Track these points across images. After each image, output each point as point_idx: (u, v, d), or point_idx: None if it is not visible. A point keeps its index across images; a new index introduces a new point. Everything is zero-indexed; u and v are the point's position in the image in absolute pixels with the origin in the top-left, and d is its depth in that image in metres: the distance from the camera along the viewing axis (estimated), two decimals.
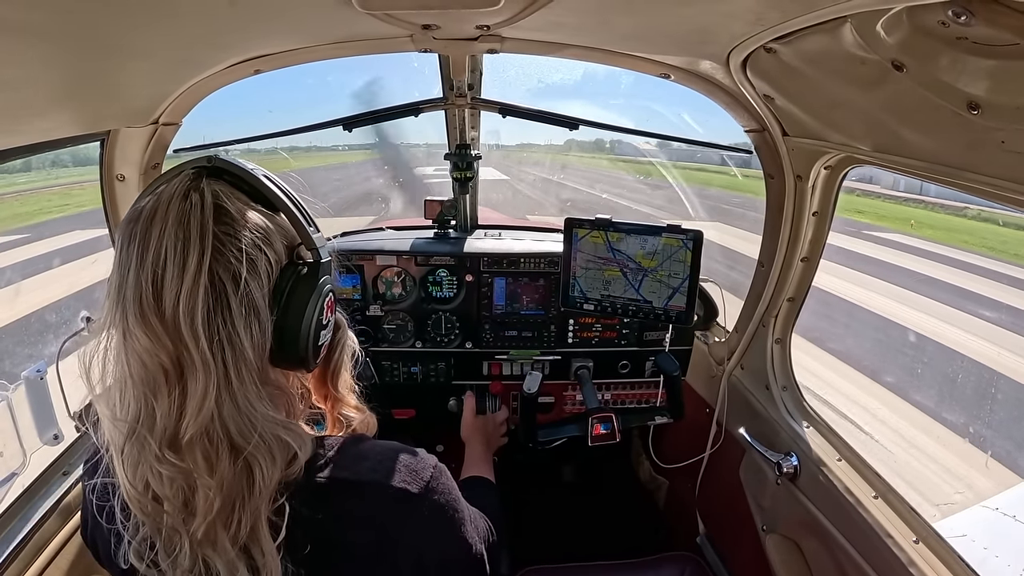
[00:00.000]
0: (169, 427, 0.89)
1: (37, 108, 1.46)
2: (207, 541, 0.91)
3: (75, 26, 1.16)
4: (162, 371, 0.89)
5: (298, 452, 0.95)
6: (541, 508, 3.43)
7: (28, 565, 1.55)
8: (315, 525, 0.97)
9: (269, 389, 0.99)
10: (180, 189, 0.93)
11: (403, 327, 2.82)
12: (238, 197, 0.98)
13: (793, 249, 2.06)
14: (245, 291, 0.92)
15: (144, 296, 0.88)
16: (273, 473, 0.92)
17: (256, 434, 0.91)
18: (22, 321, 9.00)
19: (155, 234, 0.90)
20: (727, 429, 2.44)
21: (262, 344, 0.95)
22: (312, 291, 1.01)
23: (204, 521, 0.89)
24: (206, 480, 0.89)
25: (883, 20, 1.05)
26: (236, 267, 0.91)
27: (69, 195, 19.20)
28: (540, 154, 32.73)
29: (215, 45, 1.67)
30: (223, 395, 0.90)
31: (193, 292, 0.87)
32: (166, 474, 0.90)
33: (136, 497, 0.92)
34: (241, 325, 0.91)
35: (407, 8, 1.39)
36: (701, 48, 1.61)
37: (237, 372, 0.91)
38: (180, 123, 2.10)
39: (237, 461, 0.91)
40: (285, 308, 0.98)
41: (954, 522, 2.62)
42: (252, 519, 0.91)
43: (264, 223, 0.99)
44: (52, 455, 1.82)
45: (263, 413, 0.93)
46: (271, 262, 0.98)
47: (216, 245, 0.90)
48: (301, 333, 0.99)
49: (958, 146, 1.19)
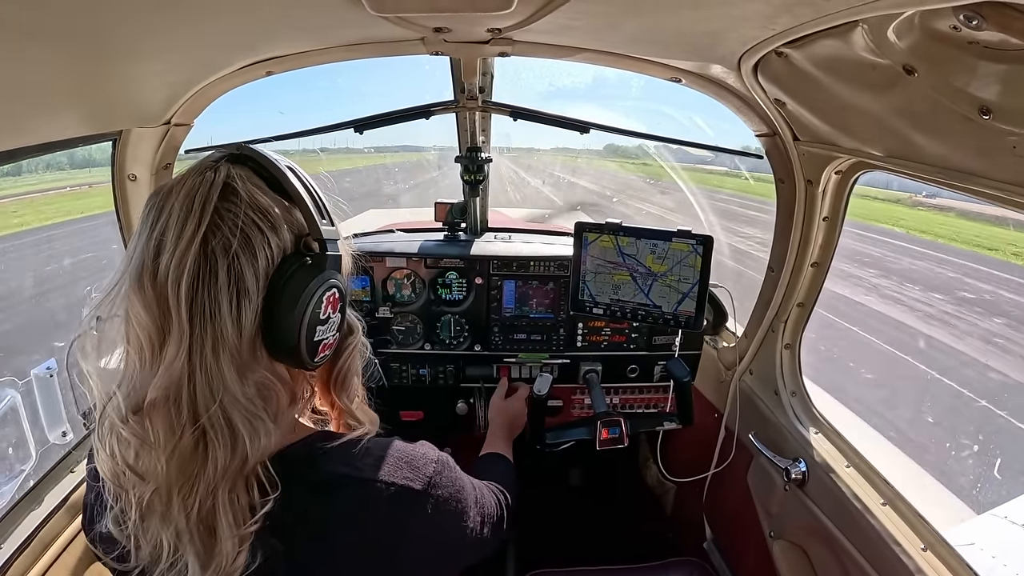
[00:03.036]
0: (140, 391, 0.90)
1: (49, 108, 1.47)
2: (154, 511, 0.91)
3: (88, 27, 1.17)
4: (148, 337, 0.90)
5: (248, 446, 0.92)
6: (548, 511, 3.43)
7: (35, 561, 1.56)
8: (314, 521, 0.97)
9: (258, 377, 0.98)
10: (201, 168, 0.96)
11: (412, 329, 2.82)
12: (253, 182, 0.99)
13: (803, 254, 2.05)
14: (235, 269, 0.92)
15: (145, 262, 0.90)
16: (230, 460, 0.91)
17: (220, 414, 0.90)
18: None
19: (167, 206, 0.92)
20: (736, 434, 2.43)
21: (248, 326, 0.94)
22: (310, 281, 0.99)
23: (151, 490, 0.90)
24: (159, 447, 0.89)
25: (894, 24, 1.05)
26: (230, 244, 0.91)
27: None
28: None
29: (227, 47, 1.69)
30: (195, 366, 0.89)
31: (183, 260, 0.88)
32: (129, 439, 0.91)
33: (107, 463, 0.94)
34: (225, 301, 0.90)
35: (419, 11, 1.39)
36: (712, 52, 1.60)
37: (213, 347, 0.90)
38: (192, 124, 2.12)
39: (195, 436, 0.90)
40: (278, 294, 0.96)
41: (962, 530, 2.60)
42: (206, 499, 0.91)
43: (273, 209, 0.99)
44: (60, 452, 1.83)
45: (233, 396, 0.92)
46: (273, 248, 0.97)
47: (215, 219, 0.91)
48: (292, 322, 0.96)
49: (969, 151, 1.18)
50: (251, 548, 0.92)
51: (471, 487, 1.25)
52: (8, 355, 8.40)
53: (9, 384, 1.80)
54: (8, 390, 1.79)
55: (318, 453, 1.03)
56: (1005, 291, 15.08)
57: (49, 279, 12.90)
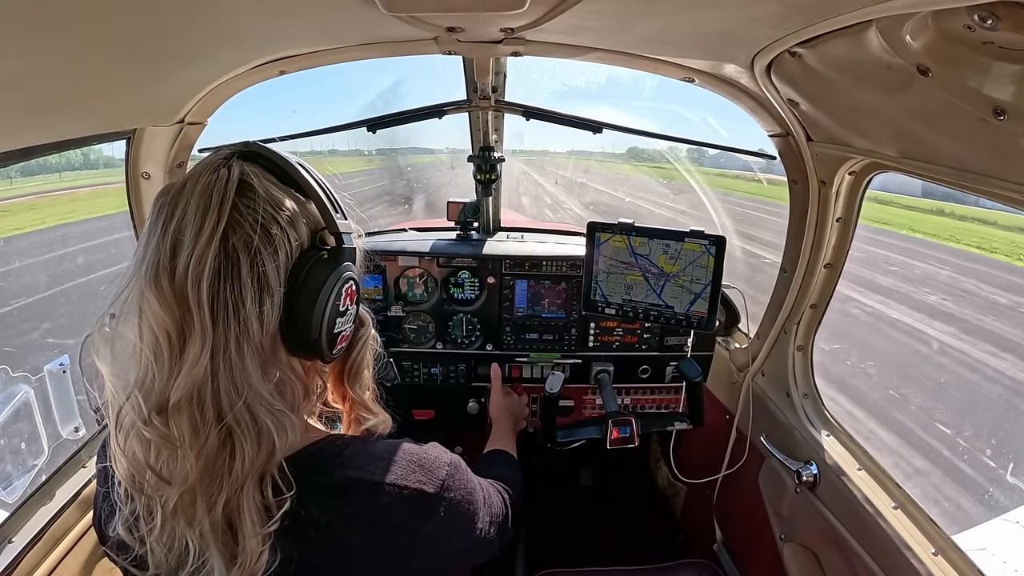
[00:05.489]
0: (161, 392, 0.89)
1: (64, 106, 1.48)
2: (179, 514, 0.90)
3: (103, 25, 1.18)
4: (166, 336, 0.89)
5: (276, 441, 0.93)
6: (558, 512, 3.43)
7: (46, 555, 1.58)
8: (327, 524, 0.96)
9: (277, 373, 0.98)
10: (211, 165, 0.95)
11: (424, 328, 2.84)
12: (267, 178, 0.99)
13: (816, 255, 2.04)
14: (258, 264, 0.92)
15: (160, 261, 0.89)
16: (256, 456, 0.91)
17: (245, 411, 0.90)
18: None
19: (180, 204, 0.91)
20: (747, 436, 2.42)
21: (271, 322, 0.95)
22: (330, 274, 1.00)
23: (178, 492, 0.89)
24: (186, 448, 0.88)
25: (908, 24, 1.04)
26: (252, 240, 0.91)
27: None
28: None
29: (241, 46, 1.70)
30: (219, 365, 0.88)
31: (203, 257, 0.87)
32: (151, 440, 0.89)
33: (123, 467, 0.93)
34: (249, 297, 0.90)
35: (432, 11, 1.40)
36: (725, 52, 1.60)
37: (238, 344, 0.90)
38: (205, 123, 2.14)
39: (221, 435, 0.90)
40: (299, 288, 0.97)
41: (974, 535, 2.58)
42: (232, 499, 0.90)
43: (289, 204, 0.99)
44: (72, 448, 1.85)
45: (257, 392, 0.92)
46: (291, 243, 0.97)
47: (234, 215, 0.91)
48: (314, 316, 0.98)
49: (984, 152, 1.17)
50: (271, 548, 0.92)
51: (480, 488, 1.25)
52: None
53: (23, 380, 1.82)
54: (21, 385, 1.81)
55: (331, 456, 1.03)
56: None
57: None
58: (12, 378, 1.83)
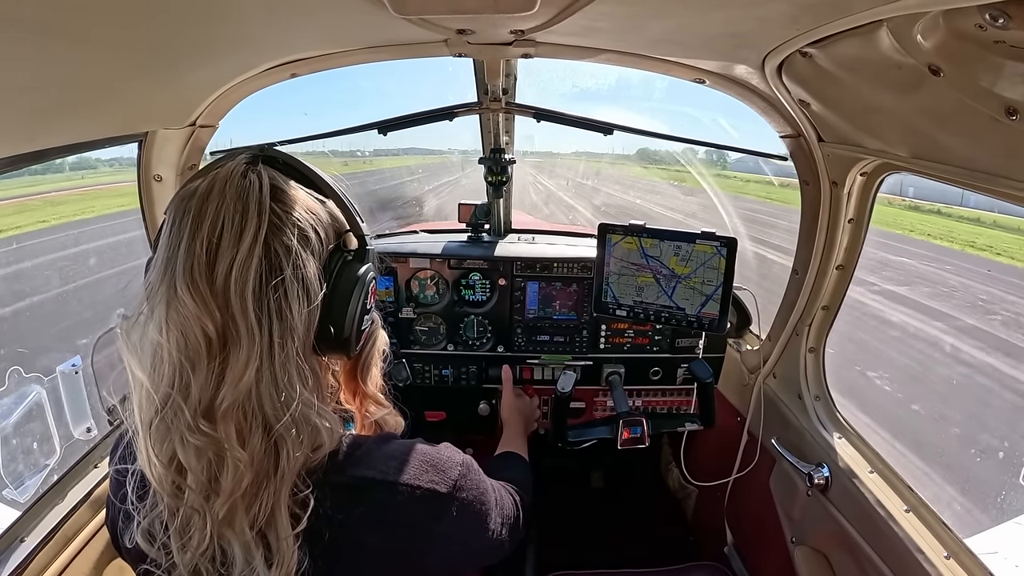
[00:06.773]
0: (205, 397, 0.88)
1: (77, 110, 1.50)
2: (227, 521, 0.89)
3: (116, 30, 1.20)
4: (205, 340, 0.88)
5: (325, 440, 0.95)
6: (569, 513, 3.43)
7: (57, 554, 1.59)
8: (340, 523, 0.97)
9: (309, 372, 0.99)
10: (238, 170, 0.96)
11: (435, 330, 2.85)
12: (290, 183, 1.01)
13: (828, 257, 2.03)
14: (299, 268, 0.93)
15: (196, 264, 0.89)
16: (298, 457, 0.92)
17: (289, 413, 0.91)
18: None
19: (212, 208, 0.91)
20: (758, 438, 2.41)
21: (311, 322, 0.97)
22: (359, 274, 1.04)
23: (229, 499, 0.88)
24: (238, 452, 0.88)
25: (919, 24, 1.04)
26: (291, 244, 0.93)
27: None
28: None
29: (253, 49, 1.71)
30: (264, 368, 0.89)
31: (247, 262, 0.89)
32: (197, 445, 0.88)
33: (159, 473, 0.90)
34: (294, 299, 0.92)
35: (442, 13, 1.40)
36: (736, 52, 1.60)
37: (282, 346, 0.91)
38: (217, 125, 2.16)
39: (268, 439, 0.90)
40: (334, 288, 1.00)
41: (986, 538, 2.55)
42: (273, 502, 0.90)
43: (318, 208, 1.02)
44: (84, 448, 1.86)
45: (301, 393, 0.93)
46: (324, 245, 1.01)
47: (273, 220, 0.92)
48: (348, 314, 1.02)
49: (996, 153, 1.16)
50: (299, 548, 0.93)
51: (492, 490, 1.25)
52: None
53: (35, 380, 1.84)
54: (34, 386, 1.83)
55: (345, 456, 1.03)
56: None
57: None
58: (25, 378, 1.85)
